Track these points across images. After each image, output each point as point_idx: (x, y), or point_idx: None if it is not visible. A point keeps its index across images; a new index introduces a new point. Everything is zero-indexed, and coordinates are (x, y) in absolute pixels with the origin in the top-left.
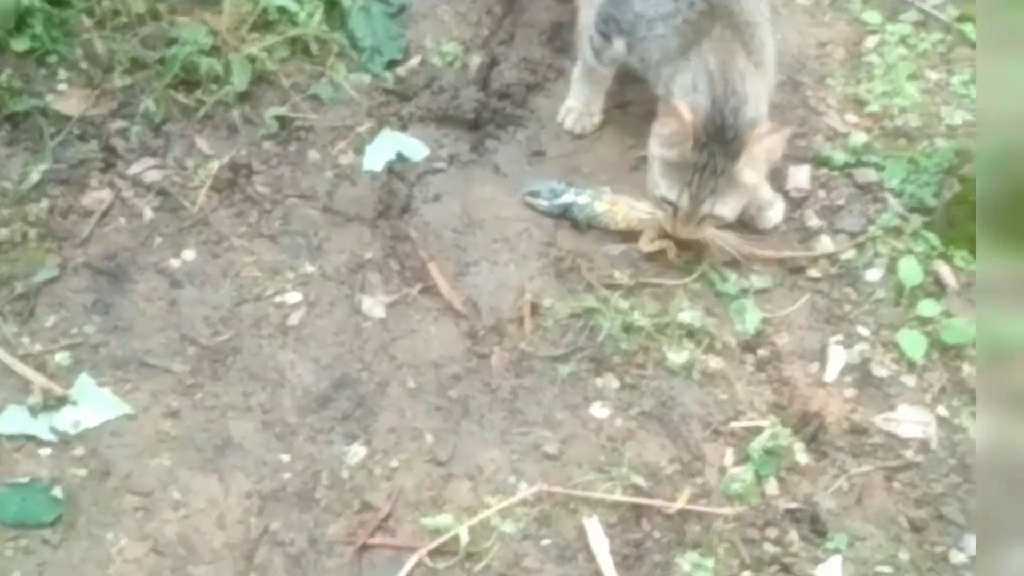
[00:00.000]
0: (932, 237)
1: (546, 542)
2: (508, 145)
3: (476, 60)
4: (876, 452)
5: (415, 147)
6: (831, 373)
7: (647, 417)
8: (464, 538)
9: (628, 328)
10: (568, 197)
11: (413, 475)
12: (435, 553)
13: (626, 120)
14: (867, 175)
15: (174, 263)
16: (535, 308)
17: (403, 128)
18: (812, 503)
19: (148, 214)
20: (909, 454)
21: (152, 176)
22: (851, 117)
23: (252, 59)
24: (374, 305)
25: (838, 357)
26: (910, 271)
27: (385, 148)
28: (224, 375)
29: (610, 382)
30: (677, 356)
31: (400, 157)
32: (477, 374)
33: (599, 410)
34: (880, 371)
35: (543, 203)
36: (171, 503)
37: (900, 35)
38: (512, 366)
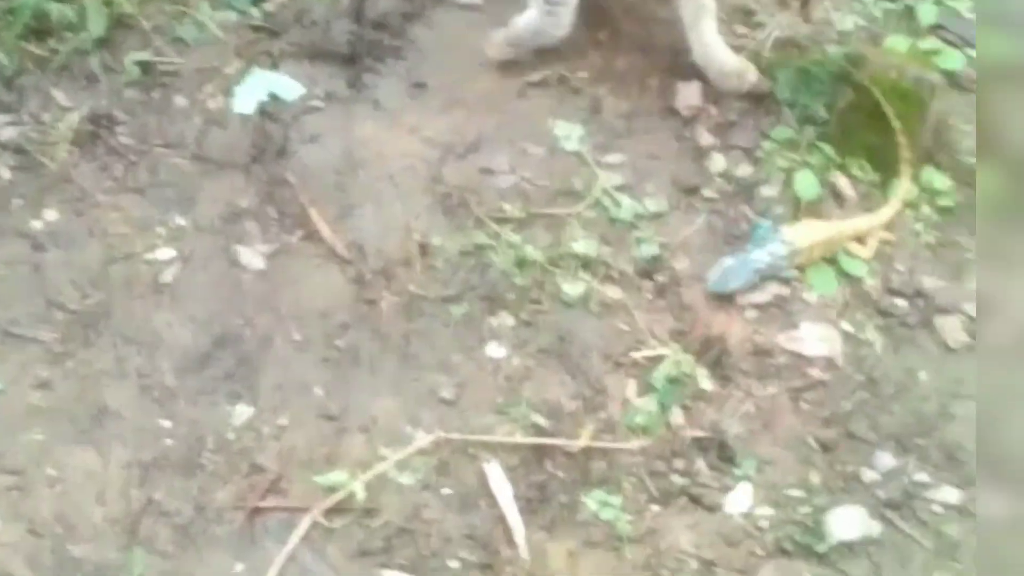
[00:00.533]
0: (827, 148)
1: (446, 491)
2: (387, 78)
3: None
4: (781, 373)
5: (288, 86)
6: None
7: (545, 354)
8: (360, 494)
9: (521, 263)
10: (763, 259)
11: (303, 432)
12: (330, 512)
13: None
14: (759, 87)
15: (36, 225)
16: (424, 248)
17: (274, 67)
18: (719, 430)
19: (5, 174)
20: (815, 373)
21: (7, 133)
22: (740, 28)
23: (108, 2)
24: (252, 256)
25: None
26: (806, 184)
27: (256, 89)
28: (96, 340)
29: (505, 320)
30: (573, 288)
31: (273, 97)
32: (366, 321)
33: (495, 350)
34: (781, 289)
35: (737, 284)
36: (46, 480)
37: None
38: (402, 310)
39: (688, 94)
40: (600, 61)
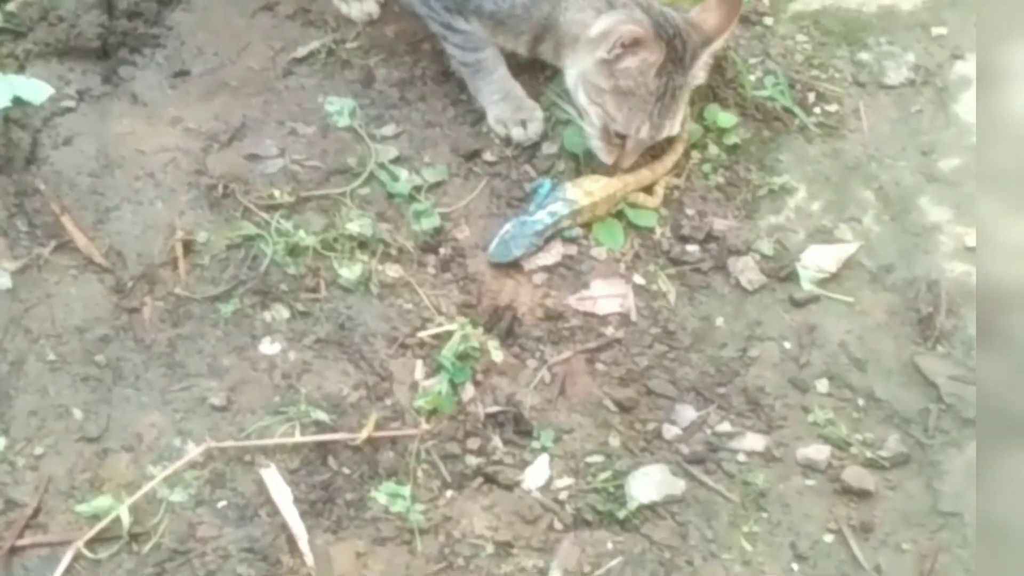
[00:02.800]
0: None
1: (222, 504)
2: (146, 70)
3: None
4: (575, 336)
5: (35, 88)
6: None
7: (324, 344)
8: (126, 519)
9: (293, 250)
10: (544, 220)
11: (63, 459)
12: (95, 541)
13: (273, 21)
14: None
15: None
16: (188, 246)
17: (21, 69)
18: (514, 403)
19: None
20: (610, 331)
21: None
22: None
23: None
24: None
25: None
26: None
27: None
28: None
29: (279, 313)
30: (350, 271)
31: (18, 102)
32: (128, 332)
33: (269, 347)
34: (568, 249)
35: (519, 251)
36: None
37: None
38: (167, 315)
39: None
40: (369, 29)
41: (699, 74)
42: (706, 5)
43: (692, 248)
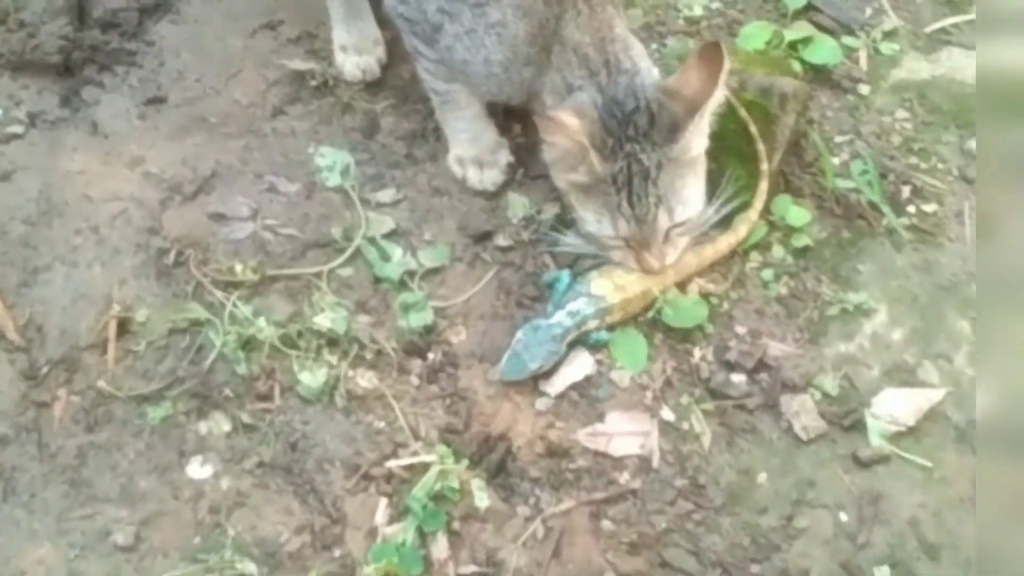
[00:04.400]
0: None
1: None
2: (114, 93)
3: None
4: (580, 481)
5: None
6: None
7: (268, 470)
8: None
9: (247, 343)
10: (565, 323)
11: None
12: None
13: (273, 44)
14: None
15: None
16: (124, 326)
17: None
18: (495, 562)
19: None
20: (624, 479)
21: None
22: None
23: None
24: None
25: None
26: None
27: None
28: None
29: (218, 425)
30: (312, 377)
31: None
32: (32, 433)
33: (199, 469)
34: (584, 368)
35: (536, 364)
36: None
37: None
38: (83, 416)
39: None
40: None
41: (695, 143)
42: (685, 67)
43: (738, 378)
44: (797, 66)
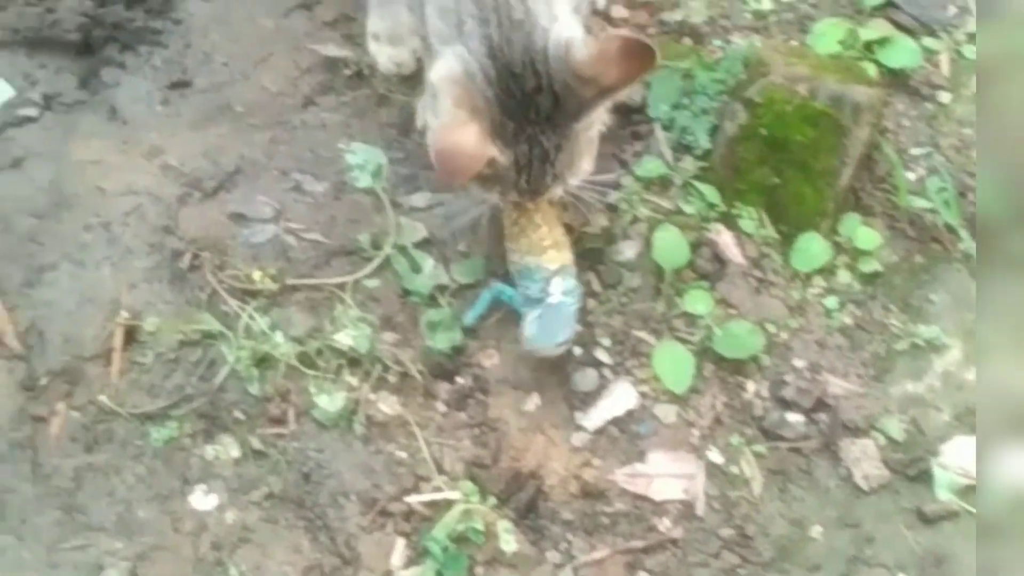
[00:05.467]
0: (709, 191)
1: None
2: (135, 75)
3: None
4: (617, 526)
5: None
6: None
7: (278, 502)
8: None
9: (262, 361)
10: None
11: None
12: None
13: (308, 26)
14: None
15: None
16: (131, 334)
17: None
18: None
19: None
20: (664, 526)
21: None
22: (620, 10)
23: None
24: None
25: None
26: (670, 247)
27: None
28: None
29: (226, 450)
30: (330, 400)
31: None
32: (27, 450)
33: (203, 499)
34: (626, 400)
35: (567, 335)
36: None
37: None
38: (82, 433)
39: None
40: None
41: (597, 119)
42: (602, 56)
43: (794, 418)
44: (872, 69)
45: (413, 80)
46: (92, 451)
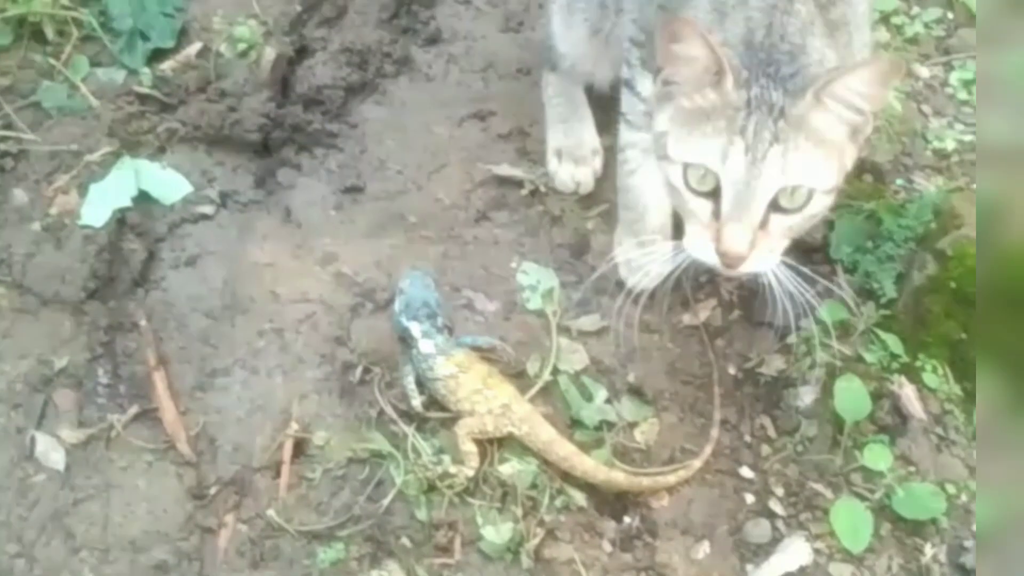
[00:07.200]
0: (892, 340)
1: None
2: (311, 177)
3: (273, 50)
4: None
5: (170, 182)
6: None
7: None
8: None
9: (432, 486)
10: (412, 328)
11: None
12: None
13: (481, 137)
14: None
15: None
16: (300, 448)
17: (159, 153)
18: None
19: None
20: None
21: None
22: None
23: None
24: (52, 448)
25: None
26: (852, 397)
27: (120, 188)
28: None
29: None
30: (496, 532)
31: (144, 198)
32: (194, 562)
33: None
34: (800, 556)
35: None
36: None
37: (880, 11)
38: (249, 548)
39: None
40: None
41: (831, 125)
42: (855, 74)
43: None
44: None
45: (588, 200)
46: (258, 567)
